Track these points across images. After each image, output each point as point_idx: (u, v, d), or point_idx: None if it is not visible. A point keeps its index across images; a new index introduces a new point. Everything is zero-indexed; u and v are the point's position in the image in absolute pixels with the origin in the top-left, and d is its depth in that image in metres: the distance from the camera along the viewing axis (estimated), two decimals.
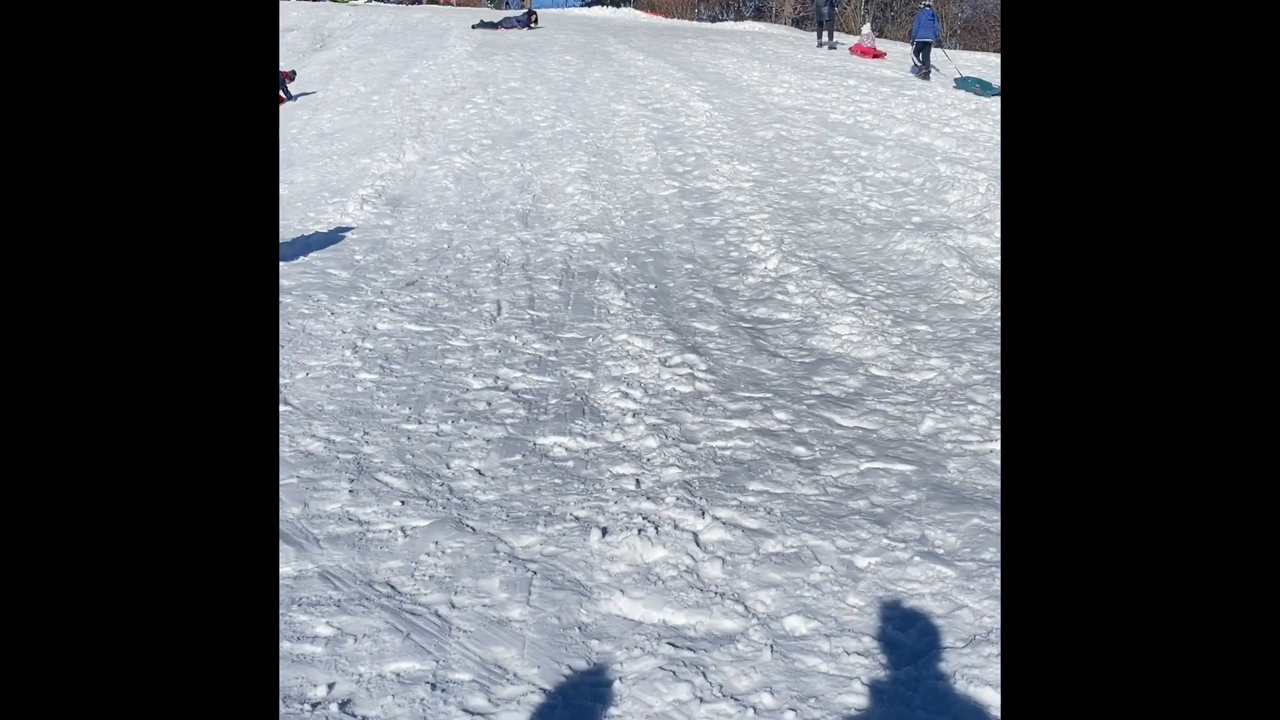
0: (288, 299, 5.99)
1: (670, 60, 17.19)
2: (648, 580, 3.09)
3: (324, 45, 19.86)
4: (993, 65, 18.57)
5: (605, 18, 27.14)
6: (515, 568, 3.15)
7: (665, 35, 22.07)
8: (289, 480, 3.69)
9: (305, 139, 11.65)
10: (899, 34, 27.21)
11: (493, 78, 14.93)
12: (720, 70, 16.27)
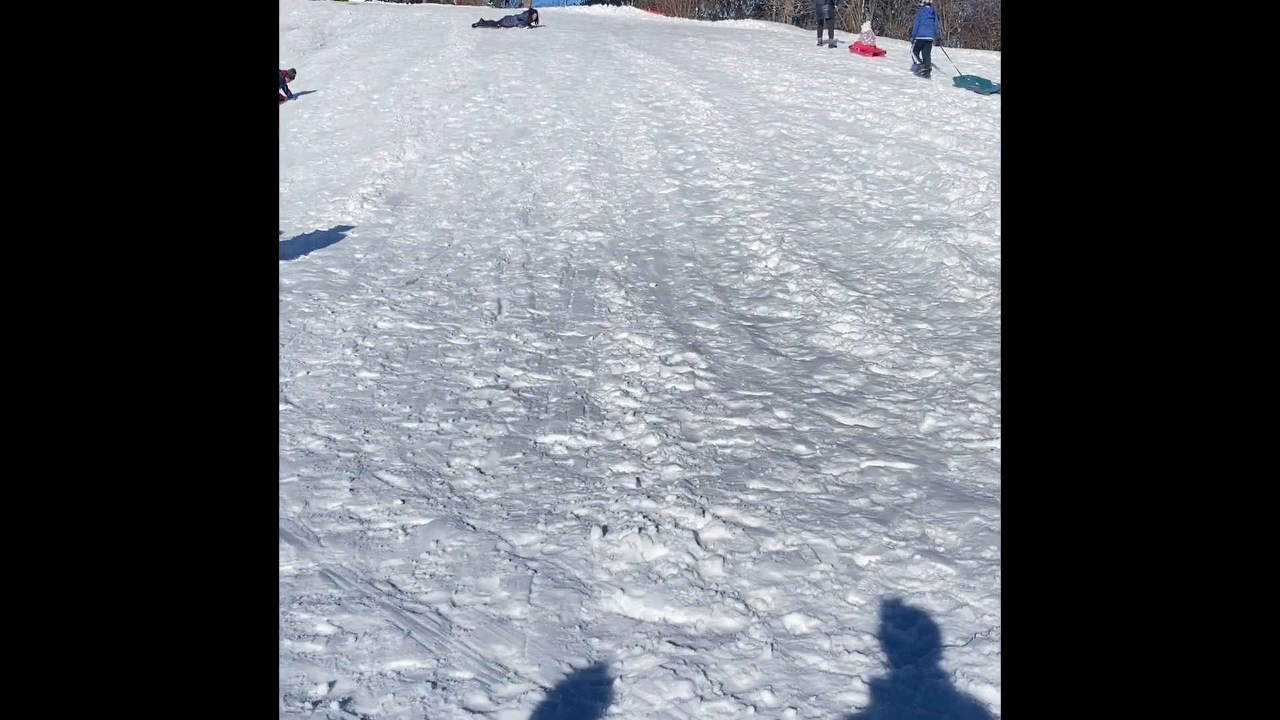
0: (288, 297, 5.99)
1: (671, 58, 17.20)
2: (648, 578, 3.09)
3: (324, 44, 19.86)
4: (993, 63, 18.57)
5: (606, 16, 27.15)
6: (516, 566, 3.15)
7: (666, 33, 22.07)
8: (290, 478, 3.69)
9: (306, 137, 11.65)
10: (899, 32, 27.23)
11: (493, 76, 14.94)
12: (721, 68, 16.27)
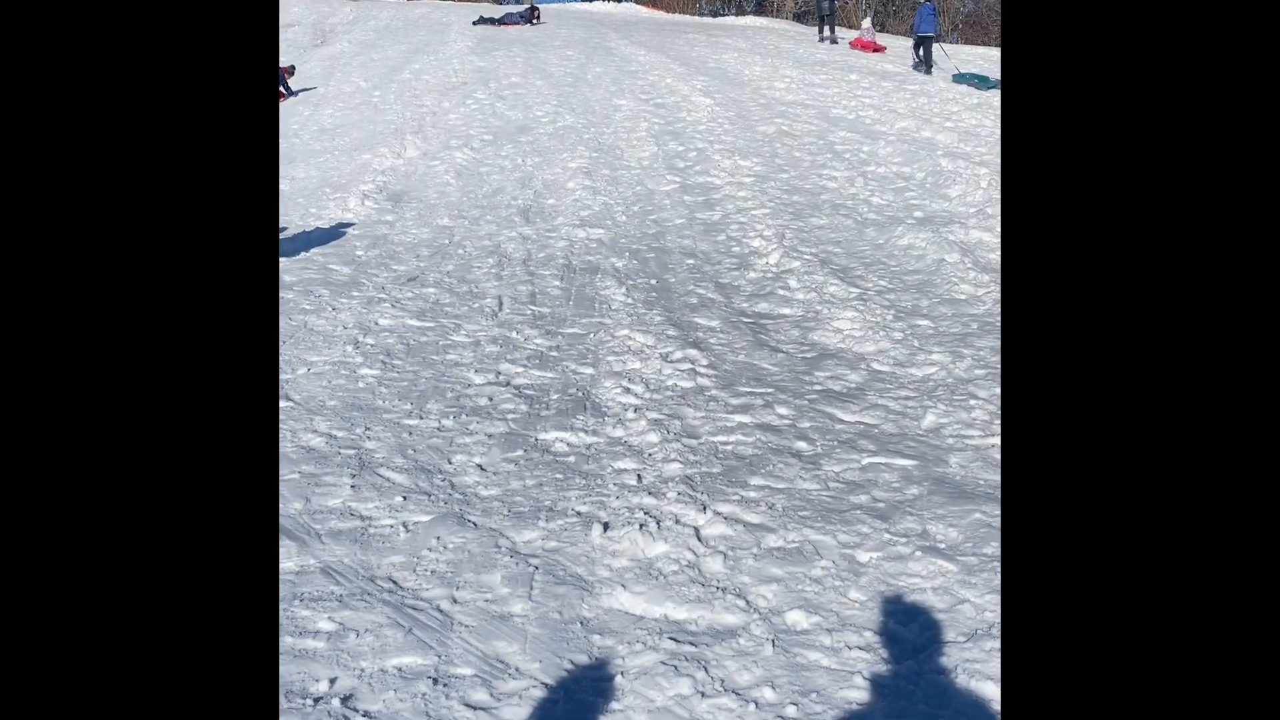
0: (289, 295, 5.99)
1: (672, 55, 17.19)
2: (649, 575, 3.09)
3: (325, 41, 19.85)
4: (994, 60, 18.55)
5: (606, 13, 27.13)
6: (517, 563, 3.16)
7: (666, 30, 22.05)
8: (291, 476, 3.69)
9: (306, 135, 11.65)
10: (900, 28, 27.21)
11: (494, 73, 14.93)
12: (722, 65, 16.26)
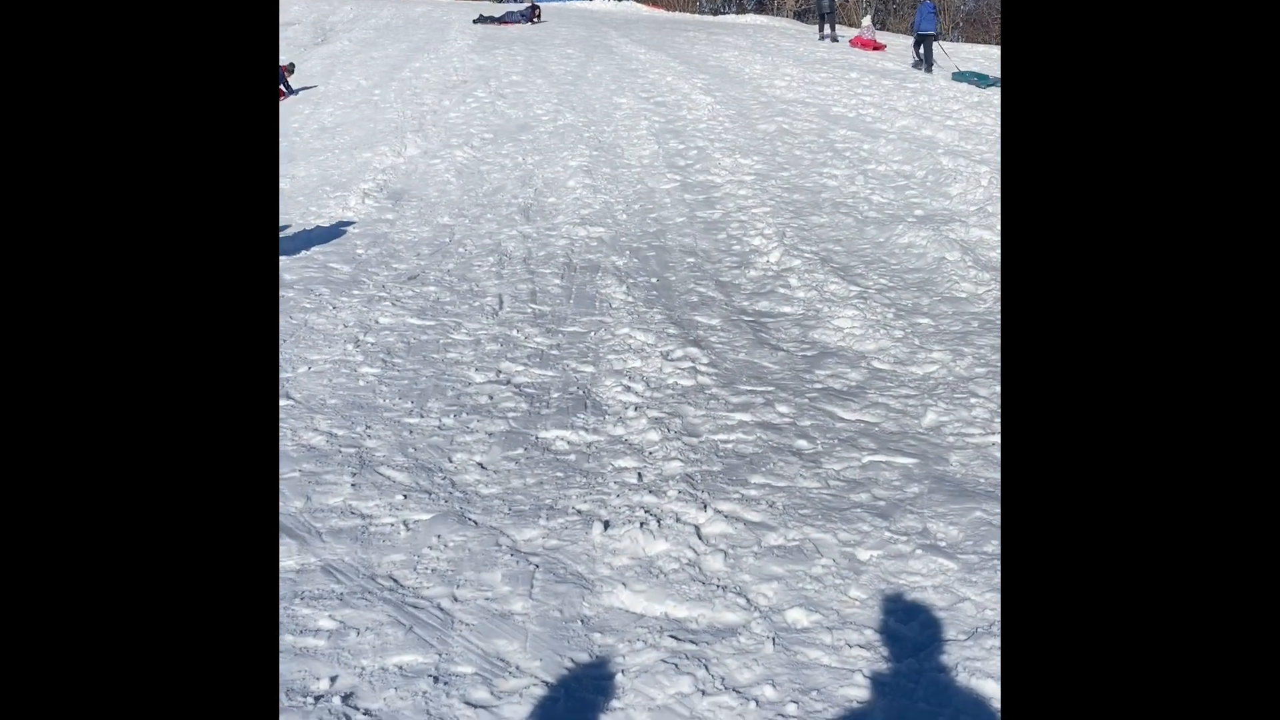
0: (290, 293, 5.99)
1: (672, 53, 17.18)
2: (650, 573, 3.09)
3: (325, 39, 19.85)
4: (994, 58, 18.54)
5: (607, 11, 27.12)
6: (517, 561, 3.16)
7: (667, 28, 22.04)
8: (291, 474, 3.70)
9: (307, 133, 11.65)
10: (901, 26, 27.17)
11: (494, 71, 14.93)
12: (722, 63, 16.26)
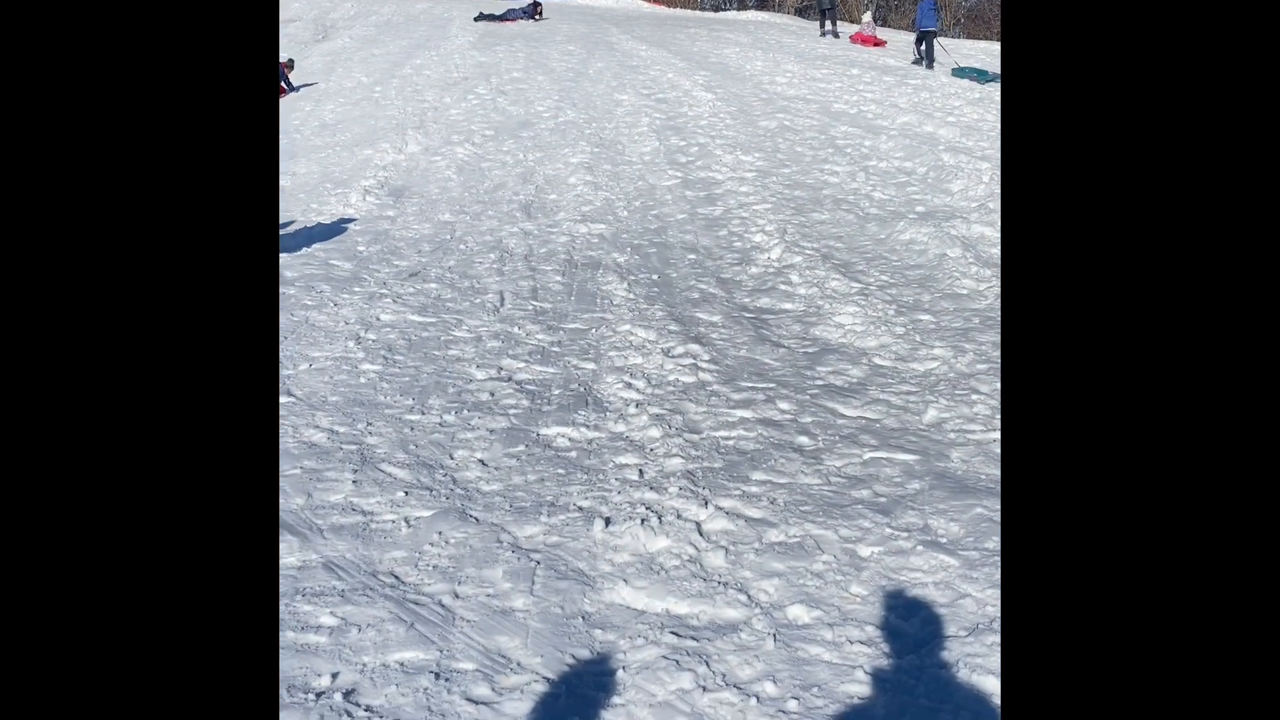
0: (291, 290, 5.99)
1: (673, 50, 17.16)
2: (651, 570, 3.10)
3: (326, 36, 19.83)
4: (995, 54, 18.52)
5: (608, 7, 27.06)
6: (519, 558, 3.16)
7: (668, 25, 22.02)
8: (293, 471, 3.70)
9: (308, 130, 11.65)
10: (901, 23, 27.11)
11: (495, 68, 14.91)
12: (723, 60, 16.23)
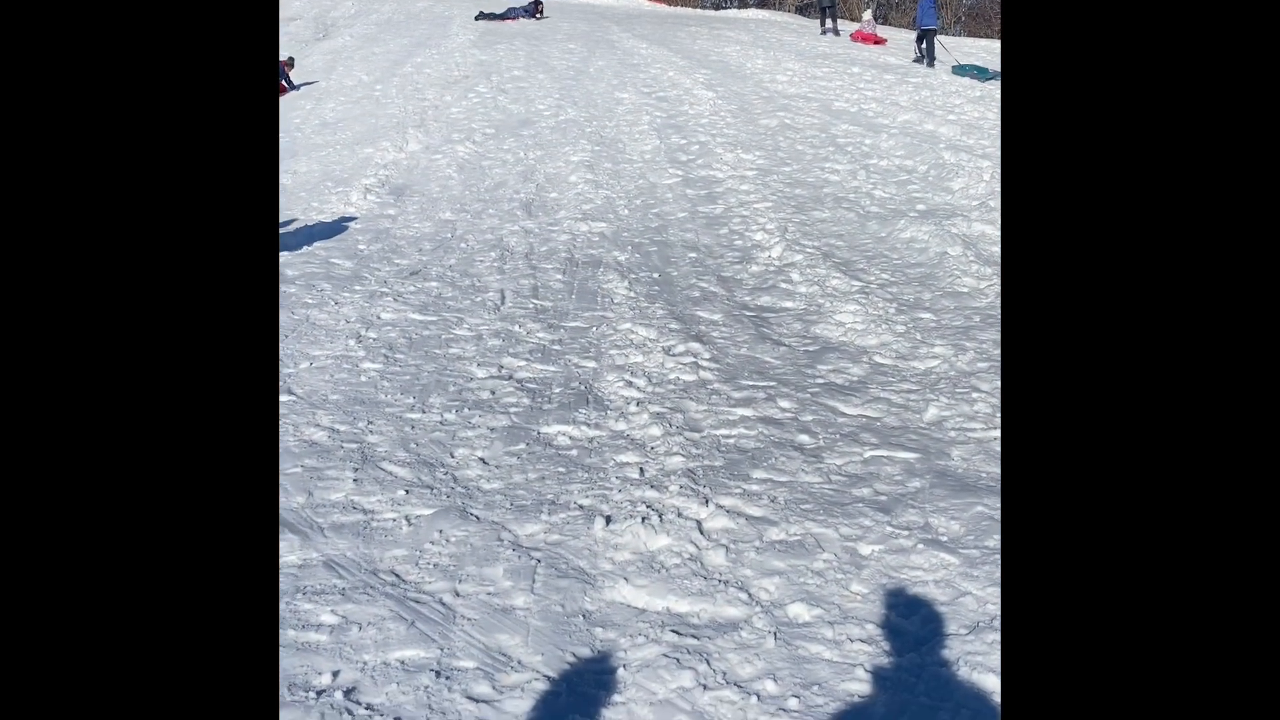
0: (291, 289, 5.99)
1: (674, 48, 17.14)
2: (651, 568, 3.10)
3: (326, 35, 19.82)
4: (996, 52, 18.50)
5: (609, 6, 27.03)
6: (519, 556, 3.16)
7: (669, 23, 22.00)
8: (293, 469, 3.70)
9: (308, 128, 11.64)
10: (902, 21, 27.08)
11: (496, 66, 14.91)
12: (724, 58, 16.22)
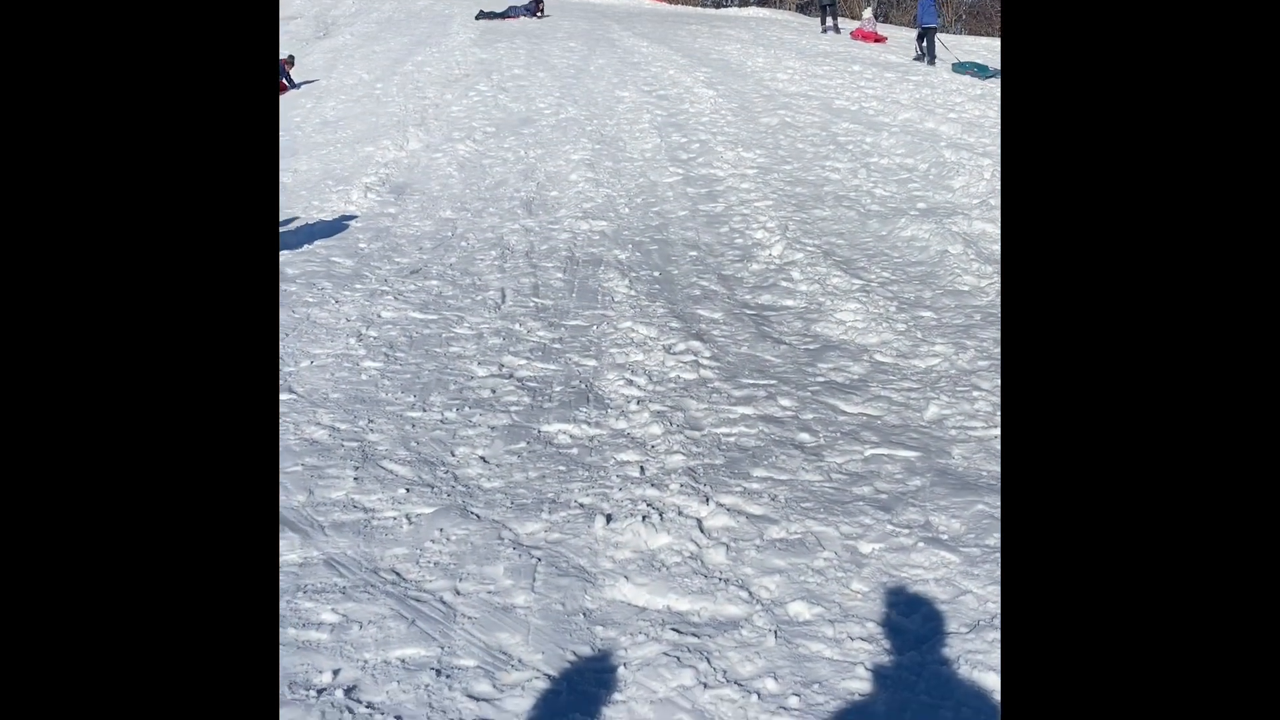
0: (292, 287, 5.99)
1: (674, 46, 17.13)
2: (652, 566, 3.10)
3: (327, 33, 19.82)
4: (997, 50, 18.48)
5: (609, 4, 27.01)
6: (520, 554, 3.16)
7: (669, 22, 21.98)
8: (294, 468, 3.70)
9: (309, 127, 11.64)
10: (903, 19, 27.05)
11: (496, 65, 14.90)
12: (724, 56, 16.21)
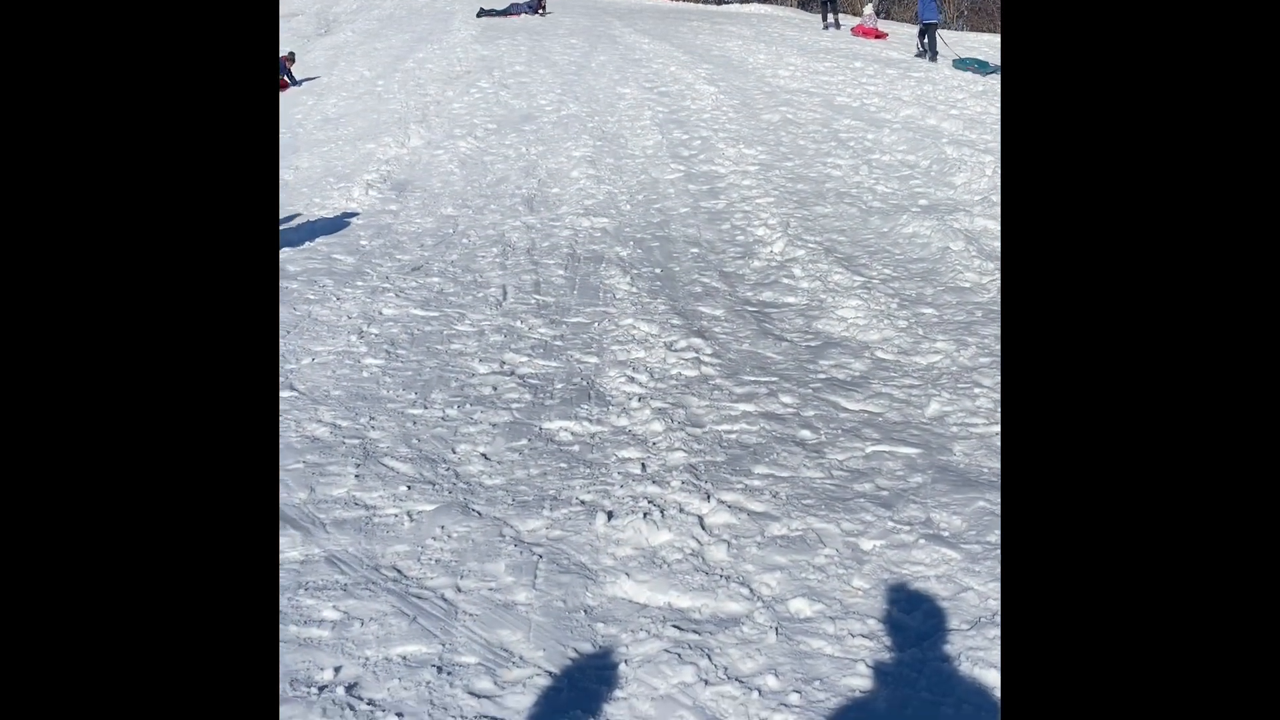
0: (293, 284, 5.99)
1: (676, 43, 17.12)
2: (653, 563, 3.10)
3: (328, 30, 19.82)
4: (997, 46, 18.46)
5: (610, 0, 27.01)
6: (521, 551, 3.17)
7: (671, 18, 21.97)
8: (295, 465, 3.70)
9: (310, 124, 11.65)
10: (904, 15, 27.01)
11: (498, 62, 14.89)
12: (726, 53, 16.20)
